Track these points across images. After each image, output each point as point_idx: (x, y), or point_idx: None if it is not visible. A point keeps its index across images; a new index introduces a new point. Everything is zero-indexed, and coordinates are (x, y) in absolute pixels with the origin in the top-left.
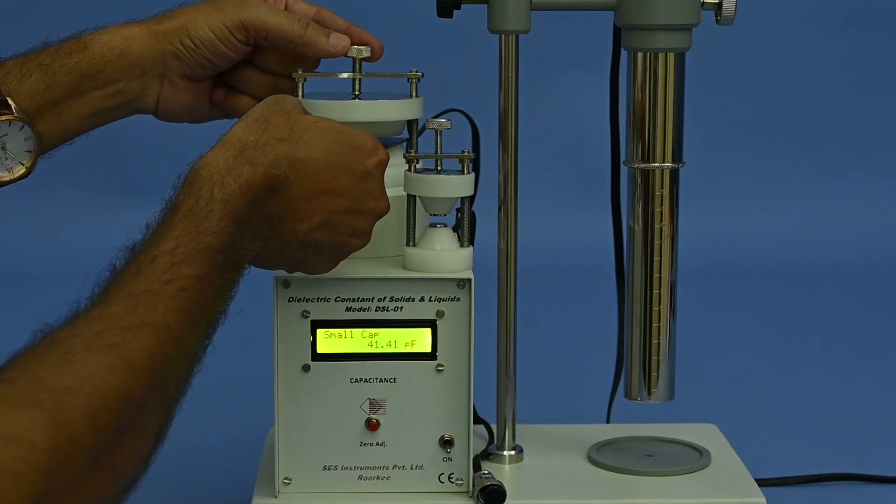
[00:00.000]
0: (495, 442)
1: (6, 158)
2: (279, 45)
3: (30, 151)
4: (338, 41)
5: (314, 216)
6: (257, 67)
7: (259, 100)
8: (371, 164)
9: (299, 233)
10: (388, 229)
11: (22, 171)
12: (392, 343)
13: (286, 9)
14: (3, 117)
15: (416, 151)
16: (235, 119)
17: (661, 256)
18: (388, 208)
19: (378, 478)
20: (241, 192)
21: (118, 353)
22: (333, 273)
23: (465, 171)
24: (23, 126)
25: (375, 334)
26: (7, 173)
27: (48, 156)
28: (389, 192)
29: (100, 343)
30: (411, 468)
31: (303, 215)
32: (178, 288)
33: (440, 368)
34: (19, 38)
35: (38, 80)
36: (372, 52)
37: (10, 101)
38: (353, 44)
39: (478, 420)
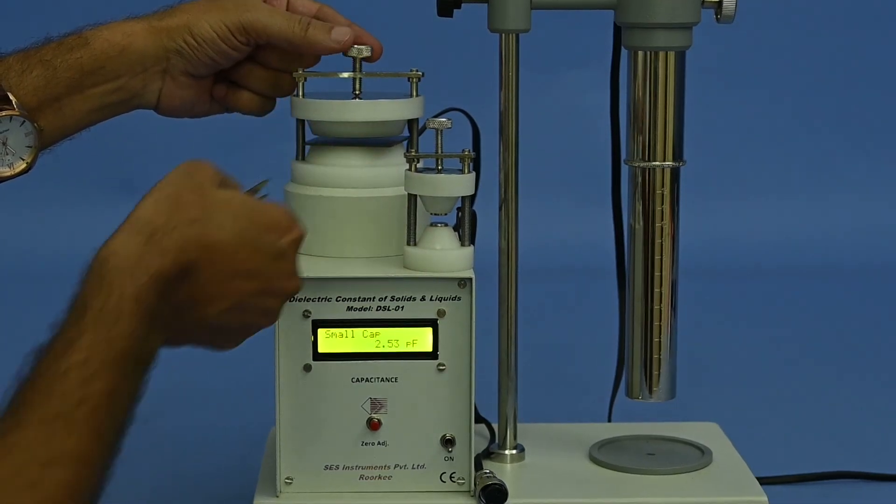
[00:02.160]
0: (497, 441)
1: (7, 154)
2: (281, 46)
3: (30, 147)
4: (340, 35)
5: (224, 300)
6: (258, 63)
7: (260, 95)
8: (285, 243)
9: (208, 317)
10: (389, 229)
11: (23, 166)
12: (393, 342)
13: (288, 7)
14: (4, 113)
15: (417, 151)
16: (235, 111)
17: (661, 255)
18: (298, 288)
19: (380, 477)
20: (152, 283)
21: (38, 495)
22: (334, 273)
23: (466, 171)
24: (24, 121)
25: (377, 334)
26: (8, 169)
27: (48, 151)
28: (390, 191)
29: (20, 483)
30: (413, 467)
31: (212, 300)
32: (90, 408)
33: (441, 368)
34: (20, 34)
35: (39, 75)
36: (371, 52)
37: (11, 97)
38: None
39: (479, 419)
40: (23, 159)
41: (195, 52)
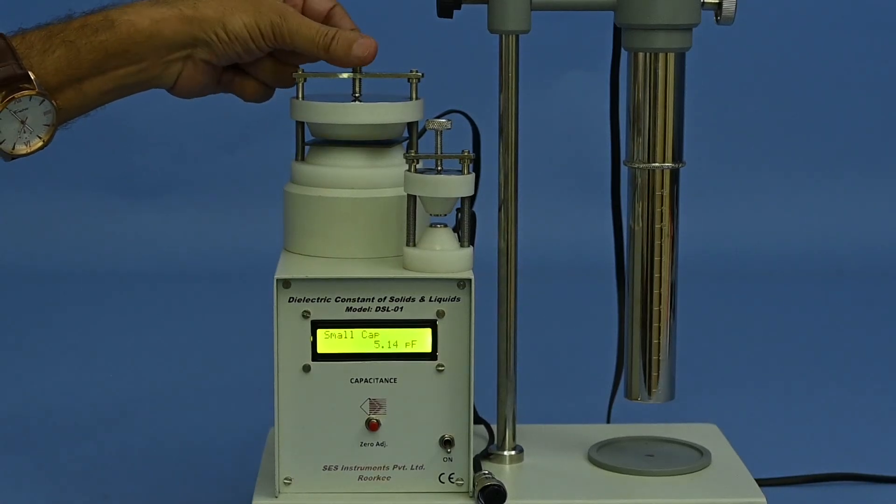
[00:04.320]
0: (495, 442)
1: (24, 132)
2: (303, 52)
3: (48, 125)
4: (361, 50)
5: None
6: (271, 56)
7: (265, 85)
8: None
9: None
10: (388, 229)
11: (39, 144)
12: (392, 343)
13: (304, 5)
14: (25, 92)
15: (417, 152)
16: (238, 96)
17: (661, 256)
18: None
19: (378, 478)
20: None
21: None
22: (334, 273)
23: (466, 172)
24: (42, 100)
25: (376, 334)
26: (25, 146)
27: (64, 127)
28: (390, 192)
29: None
30: (412, 468)
31: None
32: None
33: (440, 368)
34: (41, 8)
35: (62, 56)
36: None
37: (32, 75)
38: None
39: (478, 420)
40: (39, 137)
41: (224, 47)
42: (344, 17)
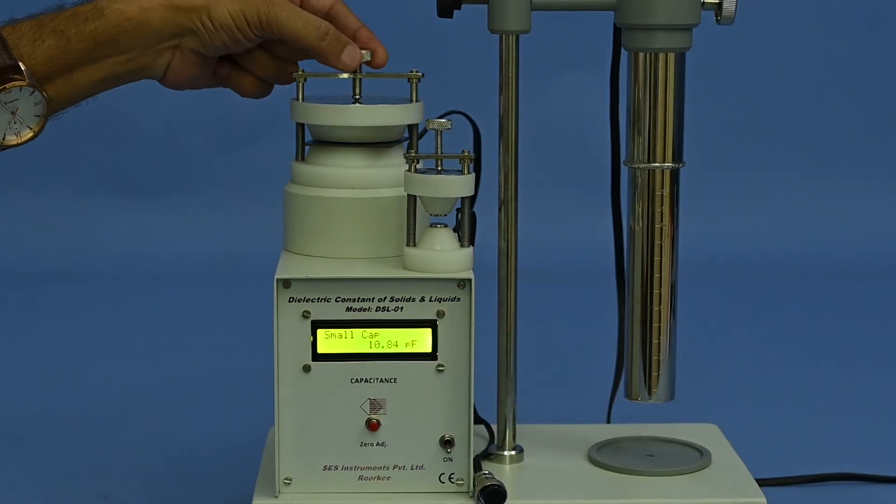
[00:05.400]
0: (496, 442)
1: (15, 123)
2: (294, 45)
3: (38, 116)
4: (350, 58)
5: None
6: (267, 50)
7: (262, 81)
8: None
9: None
10: (388, 229)
11: (30, 134)
12: (392, 343)
13: (303, 2)
14: (15, 83)
15: (417, 152)
16: (235, 91)
17: (661, 256)
18: None
19: (378, 478)
20: None
21: None
22: (334, 273)
23: (466, 172)
24: (33, 91)
25: (376, 334)
26: (15, 137)
27: (54, 118)
28: (390, 192)
29: None
30: (412, 468)
31: None
32: None
33: (440, 368)
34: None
35: (52, 45)
36: (376, 57)
37: (23, 66)
38: (359, 48)
39: (478, 420)
40: (30, 128)
41: (210, 36)
42: (348, 14)
